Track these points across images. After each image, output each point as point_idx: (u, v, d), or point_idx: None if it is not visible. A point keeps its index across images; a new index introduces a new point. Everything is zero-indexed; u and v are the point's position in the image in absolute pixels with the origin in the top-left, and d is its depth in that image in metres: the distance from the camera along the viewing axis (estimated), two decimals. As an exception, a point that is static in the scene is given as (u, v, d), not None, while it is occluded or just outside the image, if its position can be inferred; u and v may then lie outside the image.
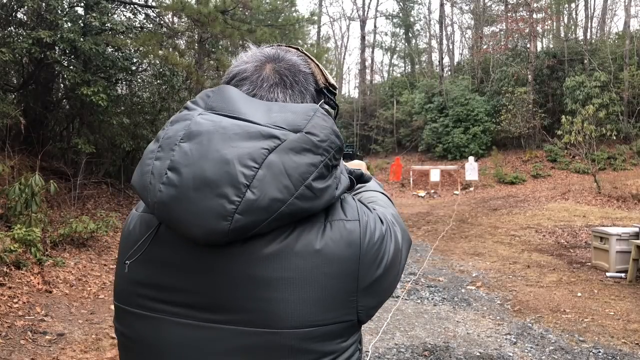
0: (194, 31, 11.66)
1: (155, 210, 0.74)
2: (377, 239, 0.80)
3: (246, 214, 0.69)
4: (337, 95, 0.94)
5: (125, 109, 10.47)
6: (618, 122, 17.84)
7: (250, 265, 0.73)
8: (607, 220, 10.70)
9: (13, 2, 8.51)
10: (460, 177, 18.61)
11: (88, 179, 9.03)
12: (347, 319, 0.77)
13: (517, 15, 23.97)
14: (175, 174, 0.72)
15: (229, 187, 0.69)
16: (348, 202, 0.82)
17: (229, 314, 0.74)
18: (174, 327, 0.77)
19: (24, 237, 5.57)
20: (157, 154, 0.76)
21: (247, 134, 0.72)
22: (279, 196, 0.70)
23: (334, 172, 0.78)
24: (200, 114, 0.77)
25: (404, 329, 4.86)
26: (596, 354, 4.24)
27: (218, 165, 0.70)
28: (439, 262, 7.98)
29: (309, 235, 0.75)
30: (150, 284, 0.79)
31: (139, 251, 0.80)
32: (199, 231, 0.70)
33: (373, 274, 0.79)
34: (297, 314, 0.73)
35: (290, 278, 0.73)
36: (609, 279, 6.65)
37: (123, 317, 0.83)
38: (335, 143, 0.77)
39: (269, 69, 0.87)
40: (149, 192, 0.74)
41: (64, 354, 3.99)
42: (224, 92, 0.81)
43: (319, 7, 32.63)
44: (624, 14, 21.22)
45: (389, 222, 0.85)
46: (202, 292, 0.75)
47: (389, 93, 28.29)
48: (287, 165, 0.71)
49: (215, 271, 0.74)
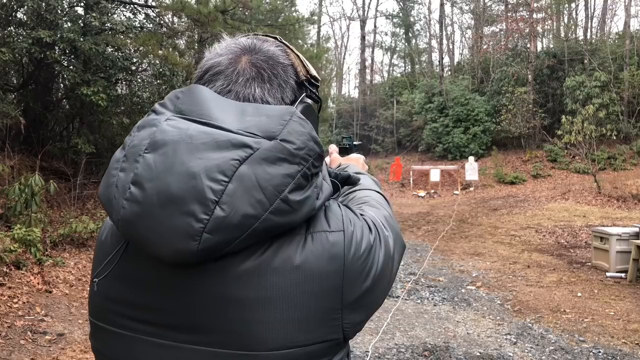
0: (193, 31, 11.65)
1: (119, 228, 0.69)
2: (364, 250, 0.74)
3: (216, 232, 0.64)
4: (319, 87, 0.87)
5: (125, 109, 10.45)
6: (618, 122, 17.82)
7: (224, 284, 0.68)
8: (607, 220, 10.70)
9: (13, 2, 8.50)
10: (460, 177, 18.60)
11: (88, 179, 9.02)
12: (331, 337, 0.72)
13: (517, 15, 23.96)
14: (139, 189, 0.66)
15: (196, 204, 0.63)
16: (332, 211, 0.76)
17: (205, 335, 0.69)
18: (148, 346, 0.72)
19: (24, 237, 5.57)
20: (122, 164, 0.71)
21: (215, 144, 0.66)
22: (252, 212, 0.65)
23: (314, 181, 0.72)
24: (167, 118, 0.71)
25: (404, 329, 4.86)
26: (596, 354, 4.24)
27: (184, 180, 0.64)
28: (439, 262, 7.97)
29: (288, 249, 0.70)
30: (124, 301, 0.74)
31: (108, 267, 0.76)
32: (166, 251, 0.65)
33: (359, 287, 0.73)
34: (275, 335, 0.68)
35: (268, 297, 0.68)
36: (609, 279, 6.65)
37: (98, 334, 0.79)
38: (314, 150, 0.70)
39: (245, 61, 0.79)
40: (113, 208, 0.69)
41: (64, 354, 3.99)
42: (194, 93, 0.74)
43: (319, 7, 32.61)
44: (624, 14, 21.22)
45: (379, 227, 0.80)
46: (176, 312, 0.71)
47: (389, 93, 28.27)
48: (260, 177, 0.65)
49: (188, 291, 0.70)
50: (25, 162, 8.24)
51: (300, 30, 14.45)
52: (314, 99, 0.86)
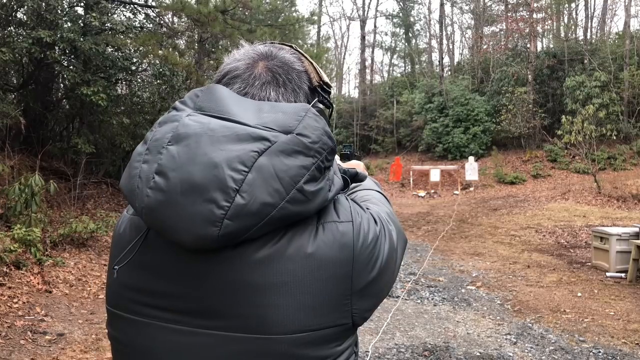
0: (193, 31, 11.66)
1: (143, 216, 0.72)
2: (371, 240, 0.78)
3: (236, 219, 0.68)
4: (332, 94, 0.92)
5: (125, 109, 10.47)
6: (618, 122, 17.83)
7: (242, 270, 0.72)
8: (607, 220, 10.70)
9: (13, 2, 8.51)
10: (460, 177, 18.61)
11: (88, 179, 9.03)
12: (341, 322, 0.76)
13: (517, 15, 23.96)
14: (163, 178, 0.70)
15: (218, 192, 0.67)
16: (341, 203, 0.81)
17: (221, 320, 0.73)
18: (166, 333, 0.75)
19: (24, 237, 5.57)
20: (144, 156, 0.74)
21: (236, 136, 0.70)
22: (270, 200, 0.68)
23: (327, 174, 0.76)
24: (188, 115, 0.75)
25: (404, 329, 4.86)
26: (596, 354, 4.24)
27: (206, 170, 0.68)
28: (439, 262, 7.97)
29: (300, 238, 0.73)
30: (142, 289, 0.77)
31: (128, 256, 0.78)
32: (188, 237, 0.69)
33: (367, 276, 0.77)
34: (290, 319, 0.71)
35: (282, 283, 0.71)
36: (609, 279, 6.65)
37: (115, 322, 0.82)
38: (327, 144, 0.75)
39: (261, 66, 0.84)
40: (137, 197, 0.72)
41: (64, 354, 3.98)
42: (213, 91, 0.79)
43: (319, 7, 32.59)
44: (624, 14, 21.21)
45: (384, 221, 0.84)
46: (194, 298, 0.74)
47: (389, 93, 28.26)
48: (278, 168, 0.69)
49: (206, 277, 0.73)
50: (25, 162, 8.24)
51: (300, 30, 14.43)
52: (326, 104, 0.90)
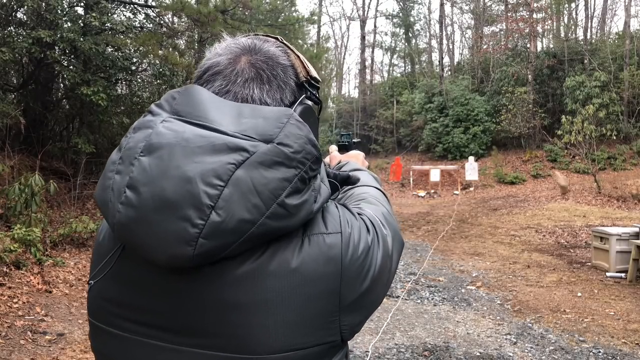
0: (193, 31, 11.65)
1: (115, 232, 0.68)
2: (362, 251, 0.73)
3: (211, 237, 0.63)
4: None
5: (125, 109, 10.45)
6: (618, 122, 17.83)
7: (221, 288, 0.68)
8: (607, 220, 10.70)
9: (13, 2, 8.50)
10: (460, 177, 18.61)
11: (88, 179, 9.01)
12: (329, 340, 0.71)
13: (517, 15, 23.93)
14: (134, 193, 0.65)
15: (191, 209, 0.62)
16: (330, 212, 0.75)
17: (201, 338, 0.69)
18: (145, 348, 0.72)
19: (23, 237, 5.57)
20: (117, 166, 0.69)
21: (211, 147, 0.65)
22: (248, 217, 0.64)
23: (312, 184, 0.71)
24: (163, 120, 0.70)
25: (404, 329, 4.86)
26: (596, 354, 4.24)
27: (179, 184, 0.63)
28: (439, 262, 7.97)
29: (284, 252, 0.69)
30: (121, 302, 0.74)
31: (105, 268, 0.75)
32: (162, 256, 0.65)
33: (358, 289, 0.72)
34: (272, 339, 0.67)
35: (265, 301, 0.67)
36: (609, 279, 6.65)
37: (96, 334, 0.79)
38: (312, 153, 0.69)
39: (244, 61, 0.78)
40: (109, 211, 0.68)
41: (64, 354, 3.99)
42: (191, 93, 0.73)
43: (319, 7, 32.59)
44: (624, 14, 21.20)
45: (378, 226, 0.79)
46: (173, 315, 0.70)
47: (389, 93, 28.25)
48: (257, 182, 0.64)
49: (184, 294, 0.69)
50: (25, 162, 8.23)
51: (300, 30, 14.45)
52: (314, 100, 0.84)
